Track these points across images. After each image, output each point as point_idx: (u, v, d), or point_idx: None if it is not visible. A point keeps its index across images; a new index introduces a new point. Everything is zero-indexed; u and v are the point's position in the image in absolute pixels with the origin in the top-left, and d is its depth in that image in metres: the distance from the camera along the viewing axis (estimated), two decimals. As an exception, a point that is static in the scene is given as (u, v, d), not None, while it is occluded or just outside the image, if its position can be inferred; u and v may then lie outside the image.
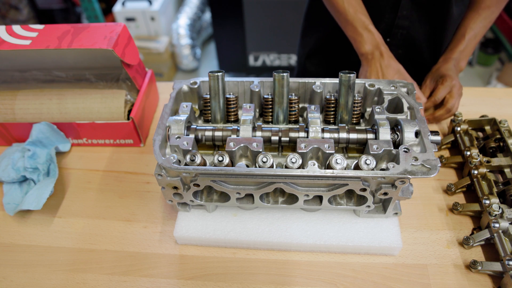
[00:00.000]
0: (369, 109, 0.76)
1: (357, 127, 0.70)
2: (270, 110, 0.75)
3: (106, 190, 0.84)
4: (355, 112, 0.73)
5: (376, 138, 0.66)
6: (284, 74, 0.68)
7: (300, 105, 0.77)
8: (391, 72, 0.84)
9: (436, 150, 0.61)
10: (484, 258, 0.68)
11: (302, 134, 0.68)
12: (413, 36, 0.99)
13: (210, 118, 0.75)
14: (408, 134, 0.64)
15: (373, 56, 0.86)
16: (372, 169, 0.60)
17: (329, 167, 0.61)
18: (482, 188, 0.73)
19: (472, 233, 0.71)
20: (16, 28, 0.84)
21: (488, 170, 0.77)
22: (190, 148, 0.63)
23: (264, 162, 0.61)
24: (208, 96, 0.73)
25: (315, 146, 0.62)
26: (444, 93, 0.88)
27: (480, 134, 0.89)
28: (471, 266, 0.65)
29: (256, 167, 0.62)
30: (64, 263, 0.71)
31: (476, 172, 0.75)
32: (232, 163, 0.65)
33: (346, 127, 0.68)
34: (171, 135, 0.65)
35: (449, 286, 0.65)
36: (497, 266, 0.64)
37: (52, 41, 0.79)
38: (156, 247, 0.73)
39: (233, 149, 0.63)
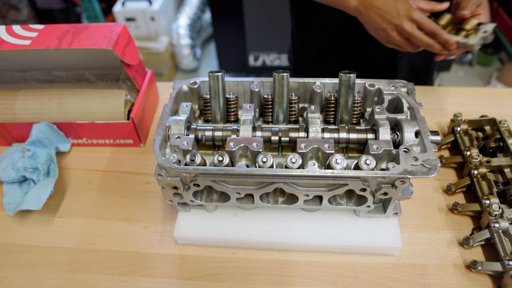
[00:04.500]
0: (369, 109, 0.76)
1: (357, 127, 0.70)
2: (270, 110, 0.75)
3: (106, 190, 0.84)
4: (355, 112, 0.73)
5: (376, 138, 0.66)
6: (284, 74, 0.68)
7: (300, 105, 0.77)
8: (392, 2, 0.76)
9: (436, 150, 0.61)
10: (484, 258, 0.68)
11: (302, 134, 0.68)
12: None
13: (210, 118, 0.75)
14: (408, 134, 0.64)
15: (364, 4, 0.81)
16: (372, 169, 0.60)
17: (329, 167, 0.61)
18: (482, 188, 0.73)
19: (472, 233, 0.71)
20: (16, 28, 0.84)
21: (488, 170, 0.77)
22: (190, 148, 0.63)
23: (264, 162, 0.61)
24: (208, 96, 0.73)
25: (315, 146, 0.62)
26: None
27: (480, 134, 0.89)
28: (471, 266, 0.65)
29: (256, 167, 0.62)
30: (64, 263, 0.71)
31: (476, 172, 0.75)
32: (232, 163, 0.65)
33: (346, 127, 0.68)
34: (171, 135, 0.65)
35: (449, 286, 0.65)
36: (497, 266, 0.64)
37: (52, 41, 0.79)
38: (156, 247, 0.73)
39: (233, 149, 0.63)
